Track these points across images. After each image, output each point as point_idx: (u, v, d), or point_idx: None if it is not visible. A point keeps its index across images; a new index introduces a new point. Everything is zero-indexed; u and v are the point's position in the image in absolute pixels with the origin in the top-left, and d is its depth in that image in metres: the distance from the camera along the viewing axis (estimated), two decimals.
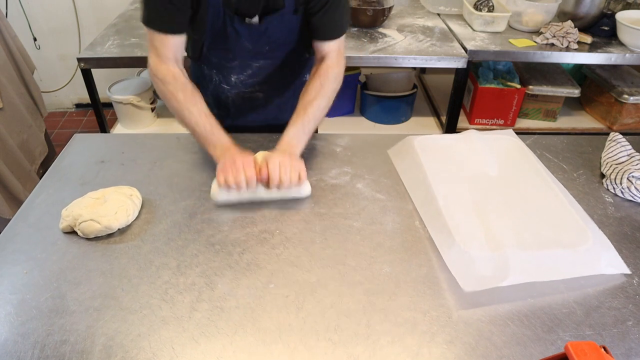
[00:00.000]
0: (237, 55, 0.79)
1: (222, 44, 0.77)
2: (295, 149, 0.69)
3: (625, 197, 0.73)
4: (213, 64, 0.81)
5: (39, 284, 0.55)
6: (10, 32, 1.31)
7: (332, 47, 0.76)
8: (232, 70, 0.82)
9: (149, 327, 0.50)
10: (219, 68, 0.82)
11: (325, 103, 0.73)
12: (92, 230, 0.60)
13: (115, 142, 0.83)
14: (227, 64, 0.81)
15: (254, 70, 0.82)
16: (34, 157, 1.31)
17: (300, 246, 0.62)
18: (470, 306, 0.54)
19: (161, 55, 0.71)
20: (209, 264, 0.59)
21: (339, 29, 0.76)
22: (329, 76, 0.74)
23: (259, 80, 0.84)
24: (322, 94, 0.73)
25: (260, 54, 0.79)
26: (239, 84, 0.84)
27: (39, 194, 0.70)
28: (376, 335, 0.50)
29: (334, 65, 0.75)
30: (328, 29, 0.75)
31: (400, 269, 0.59)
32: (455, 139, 0.80)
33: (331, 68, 0.75)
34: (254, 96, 0.86)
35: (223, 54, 0.79)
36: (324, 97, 0.73)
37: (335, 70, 0.75)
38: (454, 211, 0.63)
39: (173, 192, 0.70)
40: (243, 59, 0.80)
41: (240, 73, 0.82)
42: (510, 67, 1.54)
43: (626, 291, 0.57)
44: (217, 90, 0.86)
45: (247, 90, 0.85)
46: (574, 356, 0.36)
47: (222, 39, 0.75)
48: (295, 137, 0.70)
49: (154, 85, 0.73)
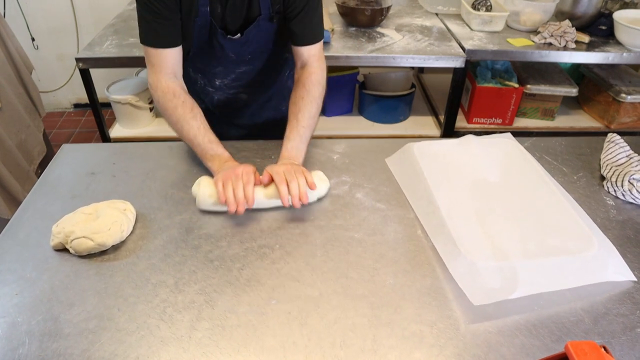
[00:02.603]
0: (221, 62, 0.81)
1: (208, 53, 0.79)
2: (297, 160, 0.70)
3: (627, 199, 0.73)
4: (198, 68, 0.84)
5: (30, 305, 0.53)
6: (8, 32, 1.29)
7: (312, 51, 0.77)
8: (216, 75, 0.84)
9: (147, 348, 0.49)
10: (204, 72, 0.84)
11: (315, 109, 0.75)
12: (85, 248, 0.58)
13: (105, 153, 0.81)
14: (211, 70, 0.83)
15: (237, 75, 0.84)
16: (33, 157, 1.30)
17: (301, 260, 0.60)
18: (477, 317, 0.53)
19: (160, 71, 0.72)
20: (207, 280, 0.57)
21: (318, 34, 0.78)
22: (314, 81, 0.76)
23: (242, 84, 0.85)
24: (310, 100, 0.74)
25: (243, 61, 0.81)
26: (223, 86, 0.86)
27: (27, 208, 0.67)
28: (383, 350, 0.49)
29: (317, 71, 0.77)
30: (307, 35, 0.76)
31: (404, 281, 0.57)
32: (454, 144, 0.79)
33: (314, 74, 0.76)
34: (238, 97, 0.88)
35: (208, 61, 0.81)
36: (312, 103, 0.74)
37: (318, 75, 0.77)
38: (457, 221, 0.62)
39: (168, 205, 0.68)
40: (226, 66, 0.82)
41: (224, 77, 0.84)
42: (508, 67, 1.53)
43: (633, 297, 0.57)
44: (202, 91, 0.88)
45: (231, 92, 0.87)
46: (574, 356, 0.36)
47: (208, 48, 0.78)
48: (294, 148, 0.71)
49: (154, 102, 0.74)
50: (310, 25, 0.76)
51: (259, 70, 0.84)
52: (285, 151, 0.70)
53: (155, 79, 0.72)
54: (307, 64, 0.78)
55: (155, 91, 0.72)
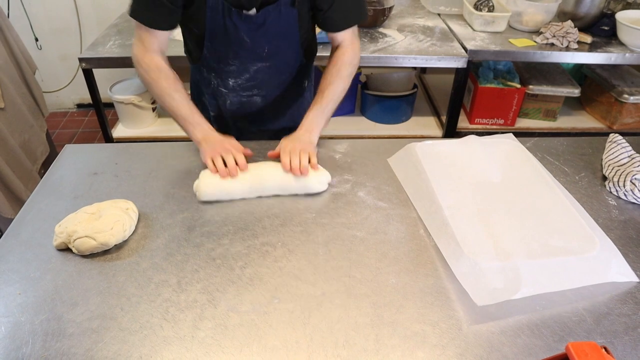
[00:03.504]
0: (236, 54, 0.79)
1: (222, 39, 0.77)
2: (313, 133, 0.73)
3: (629, 199, 0.73)
4: (211, 67, 0.82)
5: (34, 305, 0.53)
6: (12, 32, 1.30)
7: (345, 35, 0.79)
8: (230, 74, 0.82)
9: (150, 348, 0.49)
10: (217, 72, 0.83)
11: (342, 86, 0.77)
12: (87, 247, 0.58)
13: (108, 153, 0.81)
14: (225, 67, 0.81)
15: (251, 74, 0.82)
16: (36, 157, 1.31)
17: (304, 258, 0.60)
18: (480, 317, 0.53)
19: (146, 46, 0.73)
20: (210, 279, 0.57)
21: (353, 17, 0.78)
22: (345, 60, 0.77)
23: (256, 84, 0.84)
24: (339, 77, 0.76)
25: (259, 56, 0.79)
26: (236, 87, 0.84)
27: (30, 209, 0.68)
28: (386, 350, 0.49)
29: (348, 51, 0.78)
30: (339, 21, 0.77)
31: (406, 280, 0.57)
32: (456, 144, 0.79)
33: (346, 54, 0.78)
34: (252, 100, 0.86)
35: (222, 54, 0.79)
36: (340, 80, 0.76)
37: (350, 54, 0.78)
38: (460, 221, 0.62)
39: (170, 204, 0.69)
40: (241, 61, 0.80)
41: (238, 77, 0.83)
42: (511, 67, 1.53)
43: (635, 297, 0.56)
44: (215, 93, 0.86)
45: (245, 94, 0.85)
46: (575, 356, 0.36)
47: (222, 33, 0.76)
48: (313, 121, 0.74)
49: (137, 74, 0.75)
50: (344, 10, 0.76)
51: (274, 71, 0.82)
52: (305, 121, 0.73)
53: (140, 52, 0.73)
54: (340, 44, 0.79)
55: (140, 65, 0.73)
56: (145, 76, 0.73)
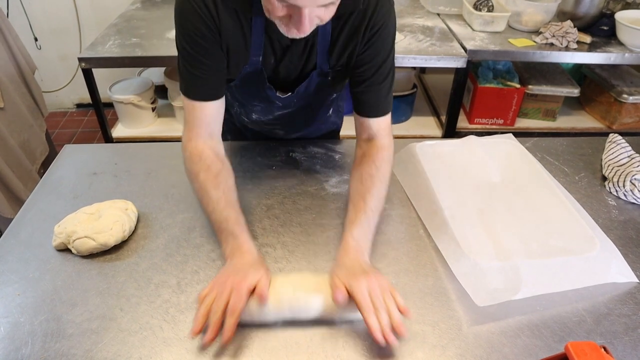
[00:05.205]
0: (262, 102, 0.72)
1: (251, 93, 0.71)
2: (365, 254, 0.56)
3: (629, 199, 0.73)
4: (237, 98, 0.76)
5: (33, 305, 0.53)
6: (12, 32, 1.29)
7: (381, 125, 0.67)
8: (254, 111, 0.76)
9: (150, 349, 0.49)
10: (242, 103, 0.76)
11: (384, 190, 0.63)
12: (87, 248, 0.58)
13: (107, 153, 0.81)
14: (250, 105, 0.75)
15: (276, 116, 0.76)
16: (35, 157, 1.31)
17: (303, 259, 0.60)
18: (480, 317, 0.53)
19: (193, 128, 0.63)
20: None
21: (386, 106, 0.68)
22: (385, 158, 0.65)
23: (281, 122, 0.79)
24: (380, 180, 0.62)
25: (287, 107, 0.73)
26: (259, 122, 0.79)
27: (29, 209, 0.67)
28: (386, 350, 0.49)
29: (386, 147, 0.66)
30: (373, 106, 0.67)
31: (406, 280, 0.57)
32: (455, 144, 0.79)
33: (385, 150, 0.66)
34: (273, 131, 0.83)
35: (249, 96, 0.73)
36: (382, 183, 0.62)
37: (389, 151, 0.66)
38: (460, 221, 0.62)
39: (170, 205, 0.68)
40: (269, 107, 0.74)
41: (263, 116, 0.77)
42: (510, 67, 1.53)
43: (635, 297, 0.57)
44: (237, 117, 0.82)
45: (267, 127, 0.82)
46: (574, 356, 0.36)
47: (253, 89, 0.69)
48: (362, 239, 0.57)
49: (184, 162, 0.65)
50: (378, 95, 0.65)
51: (302, 112, 0.76)
52: (351, 239, 0.56)
53: (187, 137, 0.63)
54: (375, 137, 0.67)
55: (184, 151, 0.63)
56: (187, 166, 0.62)
